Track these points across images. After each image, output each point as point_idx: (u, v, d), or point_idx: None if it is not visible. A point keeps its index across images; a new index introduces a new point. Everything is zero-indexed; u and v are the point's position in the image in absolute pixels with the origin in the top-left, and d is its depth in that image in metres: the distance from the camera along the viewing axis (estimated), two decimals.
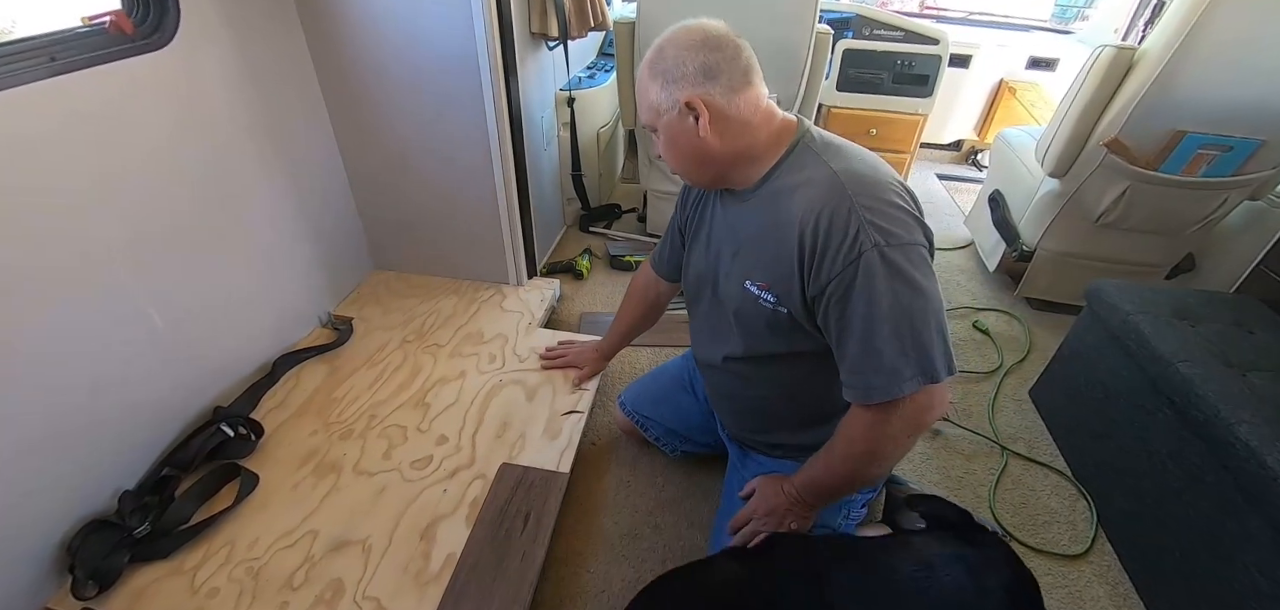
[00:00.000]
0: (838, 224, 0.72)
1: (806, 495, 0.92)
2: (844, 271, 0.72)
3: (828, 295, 0.75)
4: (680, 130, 0.79)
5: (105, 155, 0.98)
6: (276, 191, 1.36)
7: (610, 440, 1.41)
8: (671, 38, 0.79)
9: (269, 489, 1.12)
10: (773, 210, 0.81)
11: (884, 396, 0.74)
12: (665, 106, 0.79)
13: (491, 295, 1.68)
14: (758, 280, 0.85)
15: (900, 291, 0.71)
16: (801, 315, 0.81)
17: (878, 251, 0.70)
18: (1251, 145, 1.43)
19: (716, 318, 0.98)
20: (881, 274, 0.71)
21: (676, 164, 0.85)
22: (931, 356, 0.73)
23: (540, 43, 1.72)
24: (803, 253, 0.76)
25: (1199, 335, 1.20)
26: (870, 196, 0.73)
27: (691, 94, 0.76)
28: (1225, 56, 1.30)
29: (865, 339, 0.73)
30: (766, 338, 0.88)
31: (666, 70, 0.78)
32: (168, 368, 1.13)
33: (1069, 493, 1.35)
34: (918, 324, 0.72)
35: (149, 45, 1.02)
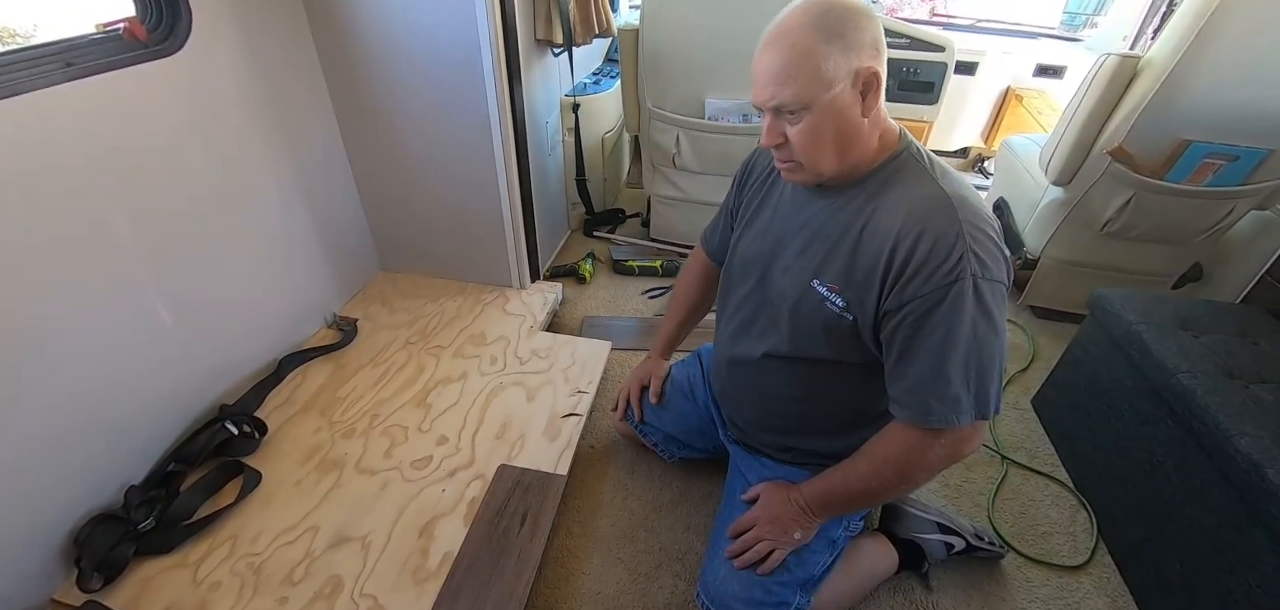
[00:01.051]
0: (943, 244, 0.70)
1: (815, 506, 0.92)
2: (935, 292, 0.70)
3: (906, 312, 0.73)
4: (844, 108, 0.71)
5: (118, 157, 1.01)
6: (285, 193, 1.39)
7: (609, 444, 1.42)
8: (830, 2, 0.69)
9: (272, 485, 1.14)
10: (864, 212, 0.78)
11: (942, 423, 0.73)
12: (840, 76, 0.69)
13: (495, 298, 1.70)
14: (829, 280, 0.81)
15: (980, 326, 0.71)
16: (866, 326, 0.79)
17: (974, 281, 0.69)
18: (1258, 154, 1.41)
19: (759, 309, 0.94)
20: (971, 304, 0.70)
21: (814, 153, 0.75)
22: (988, 396, 0.74)
23: (545, 49, 1.74)
24: (892, 263, 0.73)
25: (1202, 346, 1.19)
26: (976, 226, 0.71)
27: (873, 64, 0.70)
28: (1230, 65, 1.30)
29: (937, 362, 0.72)
30: (819, 341, 0.85)
31: (846, 32, 0.68)
32: (175, 365, 1.16)
33: (1069, 503, 1.34)
34: (985, 362, 0.73)
35: (162, 51, 1.05)
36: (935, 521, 1.16)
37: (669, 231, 2.11)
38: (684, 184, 1.96)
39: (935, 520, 1.16)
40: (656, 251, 2.08)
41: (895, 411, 0.79)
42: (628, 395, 1.28)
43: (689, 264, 1.26)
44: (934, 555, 1.14)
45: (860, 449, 0.87)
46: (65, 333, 0.95)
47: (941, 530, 1.15)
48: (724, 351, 1.06)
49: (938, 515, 1.17)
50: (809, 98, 0.70)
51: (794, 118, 0.73)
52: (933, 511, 1.17)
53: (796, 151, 0.76)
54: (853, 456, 0.87)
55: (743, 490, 1.07)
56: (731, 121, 1.75)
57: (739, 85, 1.68)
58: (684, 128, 1.80)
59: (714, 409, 1.20)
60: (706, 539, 1.20)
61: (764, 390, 1.00)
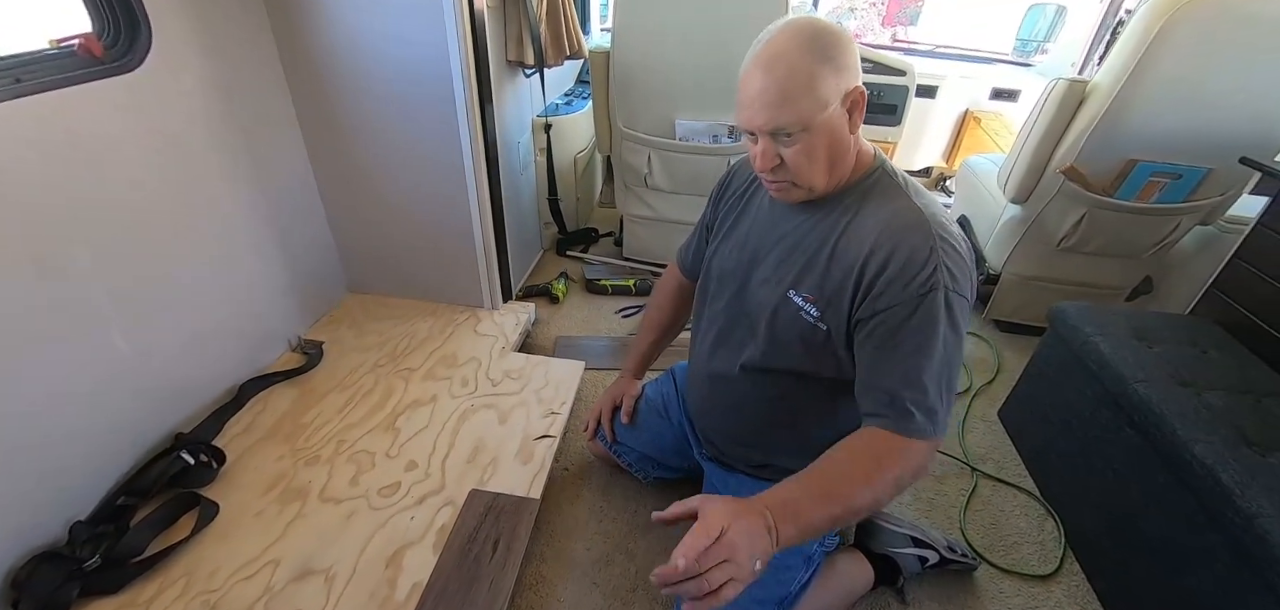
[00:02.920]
0: (918, 256, 0.72)
1: (777, 511, 0.74)
2: (909, 301, 0.72)
3: (878, 321, 0.74)
4: (836, 127, 0.74)
5: (72, 176, 0.97)
6: (248, 214, 1.35)
7: (583, 466, 1.40)
8: (818, 23, 0.71)
9: (230, 518, 1.09)
10: (840, 226, 0.80)
11: (920, 432, 0.72)
12: (834, 96, 0.71)
13: (466, 318, 1.68)
14: (804, 291, 0.83)
15: (949, 339, 0.73)
16: (840, 336, 0.80)
17: (946, 293, 0.71)
18: (1199, 172, 1.50)
19: (736, 320, 0.95)
20: (943, 316, 0.72)
21: (807, 171, 0.76)
22: (949, 410, 0.75)
23: (517, 70, 1.75)
24: (865, 273, 0.75)
25: (1155, 356, 1.24)
26: (948, 241, 0.74)
27: (860, 84, 0.73)
28: (1169, 90, 1.37)
29: (912, 370, 0.72)
30: (795, 351, 0.86)
31: (836, 54, 0.70)
32: (129, 392, 1.11)
33: (1037, 513, 1.37)
34: (951, 376, 0.75)
35: (119, 68, 1.02)
36: (909, 535, 1.17)
37: (642, 251, 2.12)
38: (656, 203, 1.98)
39: (909, 533, 1.17)
40: (630, 270, 2.09)
41: (875, 423, 0.75)
42: (599, 415, 1.27)
43: (662, 282, 1.27)
44: (908, 569, 1.15)
45: (825, 456, 0.76)
46: (7, 359, 0.90)
47: (915, 544, 1.16)
48: (701, 365, 1.06)
49: (911, 528, 1.18)
50: (808, 119, 0.71)
51: (790, 140, 0.74)
52: (906, 525, 1.18)
53: (792, 172, 0.77)
54: (815, 464, 0.75)
55: None
56: (701, 141, 1.77)
57: (708, 107, 1.71)
58: (655, 148, 1.82)
59: (688, 426, 1.19)
60: None
61: (739, 403, 1.00)
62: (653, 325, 1.26)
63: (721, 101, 1.67)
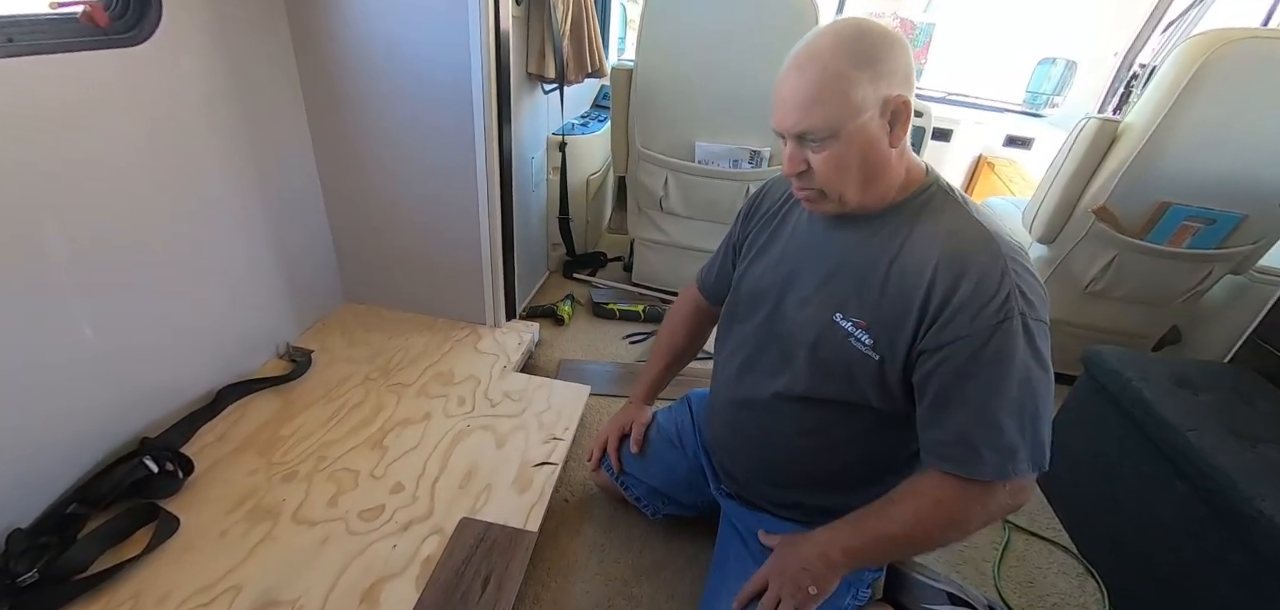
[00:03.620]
0: (988, 282, 0.65)
1: (836, 553, 0.80)
2: (981, 332, 0.65)
3: (946, 354, 0.67)
4: (872, 137, 0.67)
5: (58, 146, 0.90)
6: (245, 209, 1.28)
7: (585, 497, 1.29)
8: (864, 25, 0.66)
9: (191, 534, 0.97)
10: (892, 245, 0.72)
11: (996, 474, 0.66)
12: (868, 104, 0.65)
13: (466, 335, 1.59)
14: (853, 316, 0.75)
15: (1033, 369, 0.66)
16: (895, 368, 0.72)
17: (1022, 319, 0.64)
18: (1234, 218, 1.45)
19: (767, 344, 0.87)
20: (1022, 345, 0.65)
21: (838, 182, 0.71)
22: (1042, 446, 0.68)
23: (536, 84, 1.72)
24: (929, 300, 0.68)
25: (1203, 404, 1.16)
26: (1019, 263, 0.67)
27: (904, 92, 0.67)
28: (1204, 132, 1.34)
29: (985, 408, 0.66)
30: (841, 381, 0.78)
31: (877, 60, 0.65)
32: (93, 388, 1.01)
33: (1077, 571, 1.26)
34: (1040, 408, 0.67)
35: (123, 40, 0.96)
36: (945, 591, 1.05)
37: (652, 277, 2.05)
38: (670, 228, 1.92)
39: (945, 589, 1.05)
40: (639, 296, 2.02)
41: (932, 462, 0.71)
42: (605, 444, 1.17)
43: (677, 304, 1.19)
44: None
45: (896, 492, 0.77)
46: None
47: (952, 601, 1.04)
48: (724, 392, 0.97)
49: (948, 584, 1.06)
50: (837, 125, 0.66)
51: (819, 146, 0.69)
52: (943, 580, 1.07)
53: (820, 180, 0.72)
54: (886, 500, 0.77)
55: (738, 552, 0.95)
56: (721, 166, 1.73)
57: (730, 130, 1.67)
58: (673, 170, 1.78)
59: (705, 459, 1.09)
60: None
61: (768, 434, 0.90)
62: (665, 350, 1.18)
63: (744, 126, 1.63)
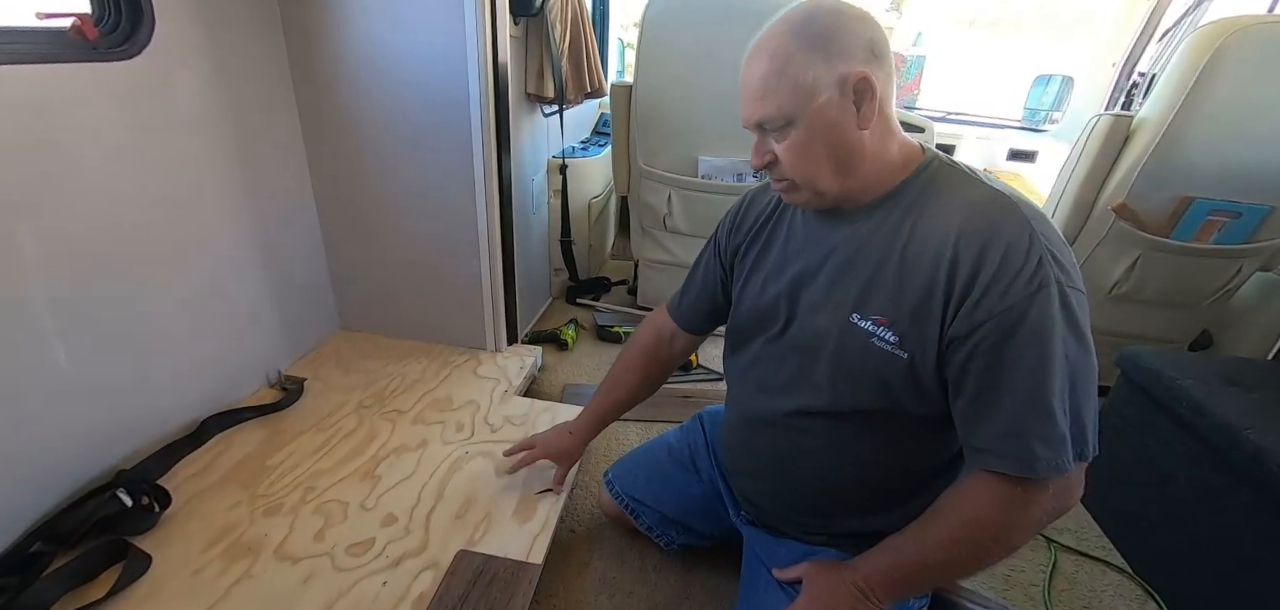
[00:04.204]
0: (1016, 250, 0.58)
1: (878, 588, 0.72)
2: (1015, 306, 0.58)
3: (980, 337, 0.60)
4: (835, 119, 0.63)
5: (39, 158, 0.87)
6: (235, 231, 1.24)
7: (593, 527, 1.19)
8: (816, 6, 0.63)
9: (161, 574, 0.89)
10: (899, 231, 0.66)
11: (1049, 471, 0.58)
12: (823, 85, 0.61)
13: (466, 360, 1.52)
14: (872, 314, 0.68)
15: (1072, 347, 0.58)
16: (927, 363, 0.65)
17: (1059, 288, 0.58)
18: (1261, 211, 1.39)
19: (783, 361, 0.79)
20: (1060, 319, 0.58)
21: (806, 170, 0.67)
22: (1087, 432, 0.60)
23: (535, 106, 1.71)
24: (954, 280, 0.61)
25: (1257, 402, 1.07)
26: (1046, 227, 0.61)
27: (864, 70, 0.61)
28: (1224, 121, 1.30)
29: (1034, 394, 0.58)
30: (869, 389, 0.70)
31: (828, 39, 0.61)
32: (64, 416, 0.94)
33: (1135, 594, 1.14)
34: (1082, 391, 0.60)
35: (113, 54, 0.94)
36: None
37: (658, 298, 1.99)
38: (674, 247, 1.87)
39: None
40: (643, 318, 1.95)
41: (984, 463, 0.62)
42: (523, 453, 1.09)
43: (638, 334, 1.06)
44: None
45: (932, 510, 0.69)
46: None
47: None
48: (740, 414, 0.89)
49: (1000, 608, 0.96)
50: (791, 111, 0.63)
51: (780, 134, 0.66)
52: (995, 605, 0.97)
53: (787, 169, 0.68)
54: (922, 521, 0.69)
55: (767, 583, 0.86)
56: (726, 180, 1.69)
57: (733, 143, 1.64)
58: (676, 187, 1.74)
59: (722, 484, 1.00)
60: None
61: (791, 457, 0.82)
62: (618, 385, 1.04)
63: (747, 138, 1.60)
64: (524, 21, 1.56)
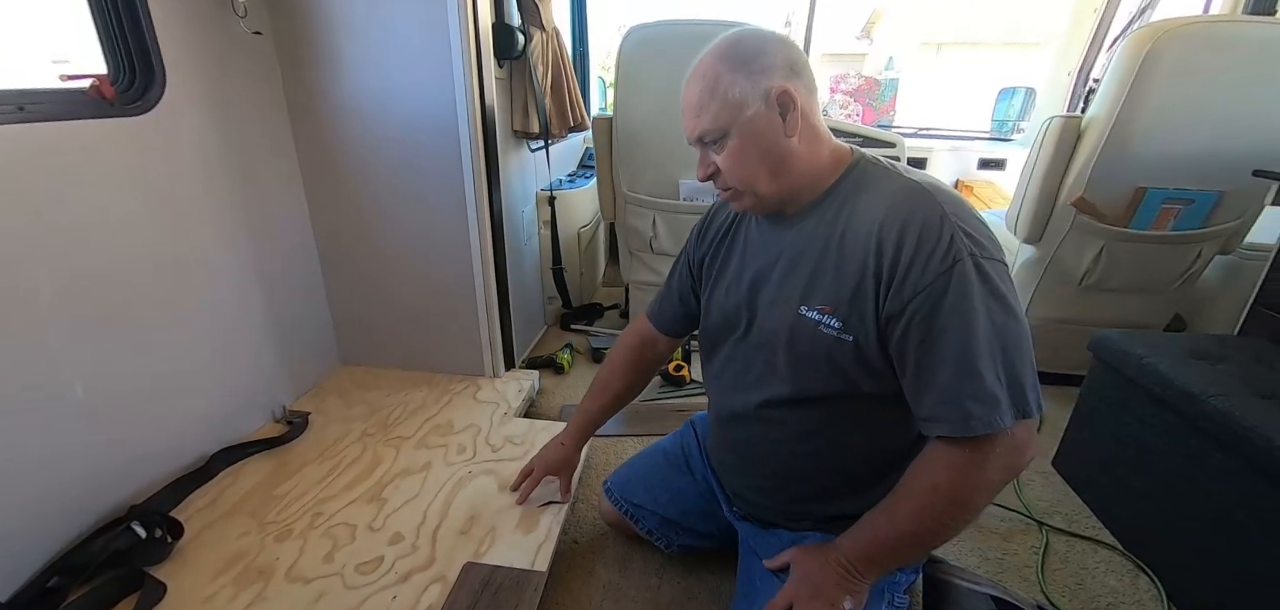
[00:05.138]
0: (930, 230, 0.65)
1: (860, 564, 0.77)
2: (934, 283, 0.64)
3: (910, 313, 0.66)
4: (764, 129, 0.71)
5: (60, 207, 0.93)
6: (240, 271, 1.30)
7: (595, 537, 1.22)
8: (741, 33, 0.72)
9: (176, 602, 0.91)
10: (835, 225, 0.73)
11: (985, 428, 0.63)
12: (749, 99, 0.70)
13: (465, 387, 1.57)
14: (817, 304, 0.74)
15: (995, 311, 0.64)
16: (870, 343, 0.71)
17: (973, 259, 0.64)
18: (1211, 197, 1.48)
19: (750, 359, 0.85)
20: (978, 287, 0.63)
21: (744, 176, 0.74)
22: (1024, 389, 0.65)
23: (522, 142, 1.80)
24: (881, 264, 0.68)
25: (1223, 371, 1.13)
26: (956, 205, 0.68)
27: (784, 83, 0.70)
28: (1165, 114, 1.39)
29: (961, 360, 0.64)
30: (823, 374, 0.76)
31: (748, 59, 0.70)
32: (82, 451, 0.98)
33: (1126, 568, 1.17)
34: (1011, 349, 0.65)
35: (128, 111, 1.01)
36: (990, 595, 0.98)
37: None
38: (662, 268, 1.94)
39: (990, 593, 0.98)
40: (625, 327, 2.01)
41: (930, 430, 0.68)
42: (526, 479, 1.14)
43: (622, 340, 1.12)
44: None
45: (899, 485, 0.74)
46: None
47: (999, 606, 0.97)
48: (719, 412, 0.95)
49: (991, 587, 0.99)
50: (724, 123, 0.71)
51: (718, 146, 0.74)
52: (986, 583, 1.00)
53: (727, 177, 0.75)
54: (891, 497, 0.74)
55: (762, 574, 0.89)
56: (705, 200, 1.77)
57: None
58: (659, 210, 1.82)
59: (715, 482, 1.05)
60: None
61: (768, 448, 0.87)
62: (605, 387, 1.10)
63: None
64: (508, 64, 1.66)
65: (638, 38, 1.63)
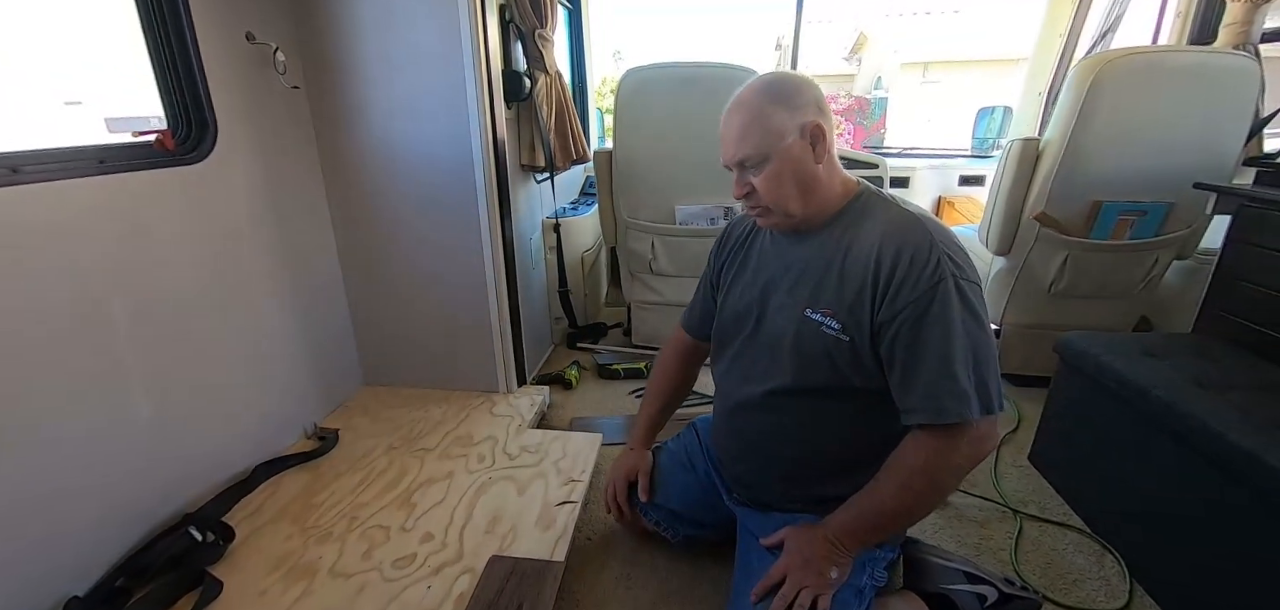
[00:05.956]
0: (920, 254, 0.78)
1: (845, 538, 0.90)
2: (922, 297, 0.77)
3: (900, 321, 0.79)
4: (799, 157, 0.84)
5: (130, 246, 1.06)
6: (278, 303, 1.42)
7: (607, 533, 1.33)
8: (777, 74, 0.86)
9: (232, 597, 1.01)
10: (842, 243, 0.87)
11: (957, 417, 0.77)
12: (788, 130, 0.82)
13: (481, 402, 1.68)
14: (821, 308, 0.87)
15: (969, 324, 0.78)
16: (864, 344, 0.84)
17: (955, 280, 0.77)
18: (1162, 208, 1.62)
19: (758, 353, 0.98)
20: (957, 304, 0.77)
21: (778, 196, 0.86)
22: (989, 390, 0.79)
23: (528, 175, 1.94)
24: (878, 278, 0.81)
25: (1168, 366, 1.26)
26: (945, 236, 0.81)
27: (817, 119, 0.83)
28: (1112, 136, 1.54)
29: (942, 360, 0.77)
30: (821, 369, 0.89)
31: (789, 96, 0.83)
32: (145, 465, 1.10)
33: (1093, 549, 1.28)
34: (981, 357, 0.79)
35: (187, 160, 1.15)
36: (962, 570, 1.09)
37: (651, 336, 2.17)
38: (661, 288, 2.07)
39: (962, 569, 1.09)
40: (640, 355, 2.12)
41: (911, 420, 0.82)
42: (614, 492, 1.20)
43: (666, 350, 1.28)
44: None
45: (882, 468, 0.87)
46: (38, 411, 0.91)
47: (970, 580, 1.08)
48: (725, 404, 1.08)
49: (963, 563, 1.10)
50: (767, 149, 0.84)
51: (757, 169, 0.86)
52: (958, 560, 1.11)
53: (763, 197, 0.88)
54: (874, 480, 0.88)
55: (758, 553, 1.00)
56: (700, 224, 1.91)
57: (704, 191, 1.87)
58: (658, 234, 1.96)
59: (716, 474, 1.16)
60: None
61: (769, 433, 1.00)
62: (660, 391, 1.25)
63: (716, 186, 1.83)
64: (516, 105, 1.81)
65: (635, 80, 1.78)
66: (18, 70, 1.84)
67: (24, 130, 1.15)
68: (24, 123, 1.27)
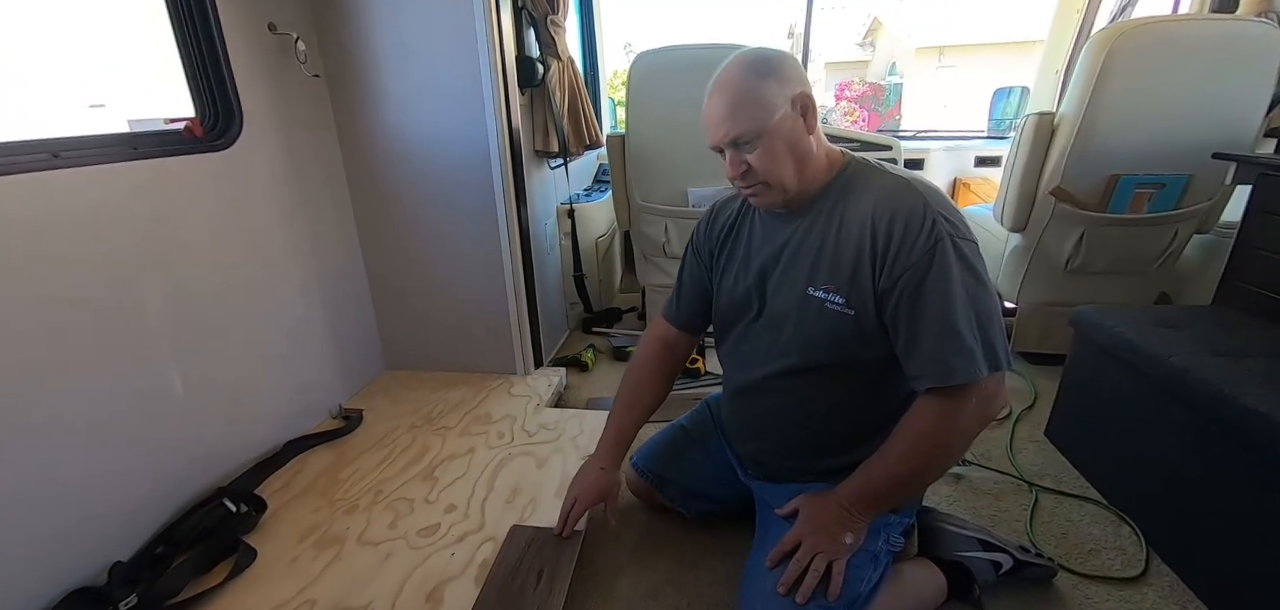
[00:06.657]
0: (914, 218, 0.78)
1: (857, 505, 0.90)
2: (920, 260, 0.77)
3: (901, 287, 0.79)
4: (791, 129, 0.82)
5: (163, 229, 1.11)
6: (303, 286, 1.47)
7: (625, 508, 1.35)
8: (757, 51, 0.84)
9: (266, 563, 1.06)
10: (834, 217, 0.86)
11: (965, 377, 0.77)
12: (779, 103, 0.80)
13: (500, 383, 1.72)
14: (822, 284, 0.87)
15: (969, 282, 0.78)
16: (868, 315, 0.83)
17: (951, 240, 0.78)
18: (1181, 180, 1.60)
19: (761, 337, 0.98)
20: (955, 262, 0.77)
21: (775, 171, 0.84)
22: (995, 346, 0.79)
23: (543, 161, 1.96)
24: (876, 247, 0.80)
25: (1185, 336, 1.25)
26: (937, 197, 0.81)
27: (804, 90, 0.82)
28: (1128, 108, 1.52)
29: (944, 322, 0.77)
30: (827, 345, 0.88)
31: (775, 69, 0.81)
32: (180, 440, 1.15)
33: (1109, 520, 1.28)
34: (983, 315, 0.79)
35: (215, 146, 1.19)
36: (977, 538, 1.09)
37: None
38: (674, 270, 2.06)
39: (977, 536, 1.10)
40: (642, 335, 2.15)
41: (919, 385, 0.82)
42: (572, 515, 1.09)
43: (643, 349, 1.17)
44: (982, 577, 1.06)
45: (891, 435, 0.88)
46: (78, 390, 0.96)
47: (985, 547, 1.09)
48: (735, 386, 1.08)
49: (978, 531, 1.11)
50: (760, 124, 0.82)
51: (750, 146, 0.83)
52: (972, 527, 1.12)
53: (759, 174, 0.85)
54: (884, 445, 0.88)
55: (775, 522, 1.02)
56: None
57: (716, 173, 1.88)
58: (671, 217, 1.97)
59: (730, 452, 1.18)
60: (737, 591, 1.11)
61: (780, 411, 1.01)
62: (634, 399, 1.12)
63: None
64: (529, 91, 1.84)
65: (645, 64, 1.80)
66: (47, 73, 1.92)
67: (56, 128, 1.20)
68: (55, 122, 1.34)
